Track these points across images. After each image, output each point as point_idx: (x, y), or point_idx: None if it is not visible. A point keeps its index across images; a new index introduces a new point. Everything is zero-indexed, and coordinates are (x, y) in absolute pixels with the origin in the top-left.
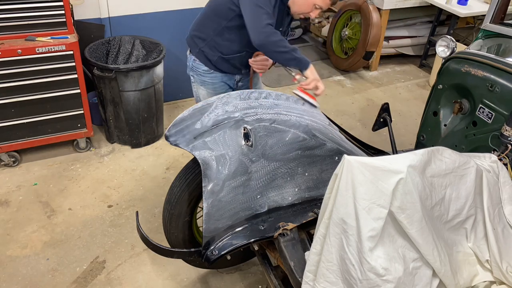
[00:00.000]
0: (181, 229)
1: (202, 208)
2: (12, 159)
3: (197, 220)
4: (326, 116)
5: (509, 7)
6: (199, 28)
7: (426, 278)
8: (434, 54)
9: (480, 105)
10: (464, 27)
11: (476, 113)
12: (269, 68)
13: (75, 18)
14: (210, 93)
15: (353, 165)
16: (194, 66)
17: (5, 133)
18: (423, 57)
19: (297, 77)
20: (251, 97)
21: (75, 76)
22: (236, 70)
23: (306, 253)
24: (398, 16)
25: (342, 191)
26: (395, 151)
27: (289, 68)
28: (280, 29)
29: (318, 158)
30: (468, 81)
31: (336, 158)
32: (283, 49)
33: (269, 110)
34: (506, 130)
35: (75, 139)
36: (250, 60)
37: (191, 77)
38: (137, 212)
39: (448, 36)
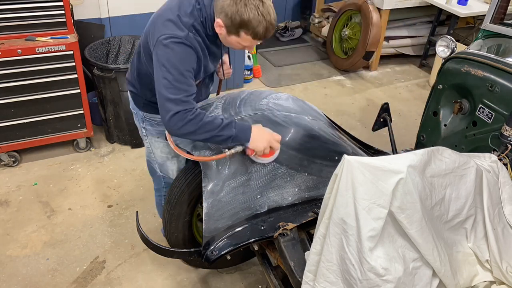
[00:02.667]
0: (181, 229)
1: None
2: (12, 159)
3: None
4: (326, 116)
5: (509, 7)
6: (136, 86)
7: (426, 278)
8: (434, 54)
9: (480, 105)
10: (464, 27)
11: (476, 113)
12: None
13: (75, 18)
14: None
15: (353, 165)
16: (147, 117)
17: (5, 133)
18: (423, 57)
19: (228, 152)
20: (251, 97)
21: (75, 76)
22: (199, 99)
23: (306, 253)
24: (398, 16)
25: (342, 191)
26: (395, 151)
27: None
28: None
29: (318, 158)
30: (468, 81)
31: (336, 158)
32: (205, 135)
33: (269, 110)
34: (506, 130)
35: (75, 139)
36: (219, 74)
37: (143, 130)
38: (137, 212)
39: (448, 36)
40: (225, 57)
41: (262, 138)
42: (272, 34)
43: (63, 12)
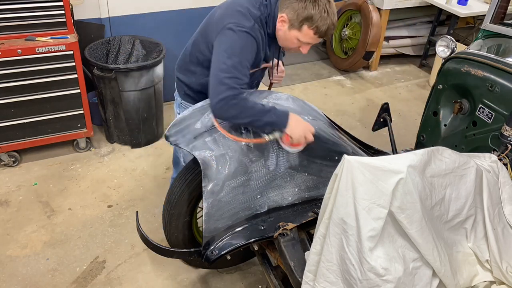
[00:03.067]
0: (181, 229)
1: (202, 208)
2: (12, 159)
3: (197, 220)
4: (326, 116)
5: (509, 7)
6: (183, 72)
7: (426, 278)
8: (434, 54)
9: (480, 105)
10: (464, 27)
11: (476, 113)
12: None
13: (75, 18)
14: None
15: (353, 165)
16: (183, 104)
17: (5, 133)
18: (423, 57)
19: (267, 138)
20: (251, 97)
21: (75, 76)
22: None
23: (306, 253)
24: (398, 16)
25: (342, 191)
26: (395, 151)
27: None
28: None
29: (318, 158)
30: (468, 81)
31: (336, 158)
32: (246, 119)
33: None
34: (506, 130)
35: (75, 139)
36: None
37: (177, 115)
38: (137, 212)
39: (448, 36)
40: (281, 62)
41: (299, 126)
42: (331, 35)
43: (63, 12)
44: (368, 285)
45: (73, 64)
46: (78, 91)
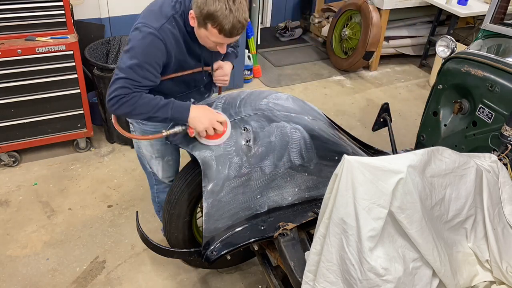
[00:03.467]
0: (181, 229)
1: (202, 208)
2: (12, 159)
3: (197, 220)
4: (326, 116)
5: (509, 7)
6: None
7: (426, 278)
8: (434, 54)
9: (480, 105)
10: (464, 27)
11: (476, 113)
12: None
13: (75, 18)
14: (153, 144)
15: (353, 165)
16: None
17: (5, 133)
18: (423, 57)
19: (165, 133)
20: (250, 97)
21: (75, 76)
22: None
23: (306, 253)
24: (398, 16)
25: (342, 191)
26: (395, 151)
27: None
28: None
29: (318, 158)
30: (468, 81)
31: (336, 158)
32: (141, 116)
33: (269, 110)
34: (506, 130)
35: (75, 139)
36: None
37: (130, 125)
38: (137, 212)
39: (448, 36)
40: (226, 65)
41: (202, 119)
42: (241, 34)
43: (63, 12)
44: (368, 285)
45: (73, 64)
46: (78, 91)
